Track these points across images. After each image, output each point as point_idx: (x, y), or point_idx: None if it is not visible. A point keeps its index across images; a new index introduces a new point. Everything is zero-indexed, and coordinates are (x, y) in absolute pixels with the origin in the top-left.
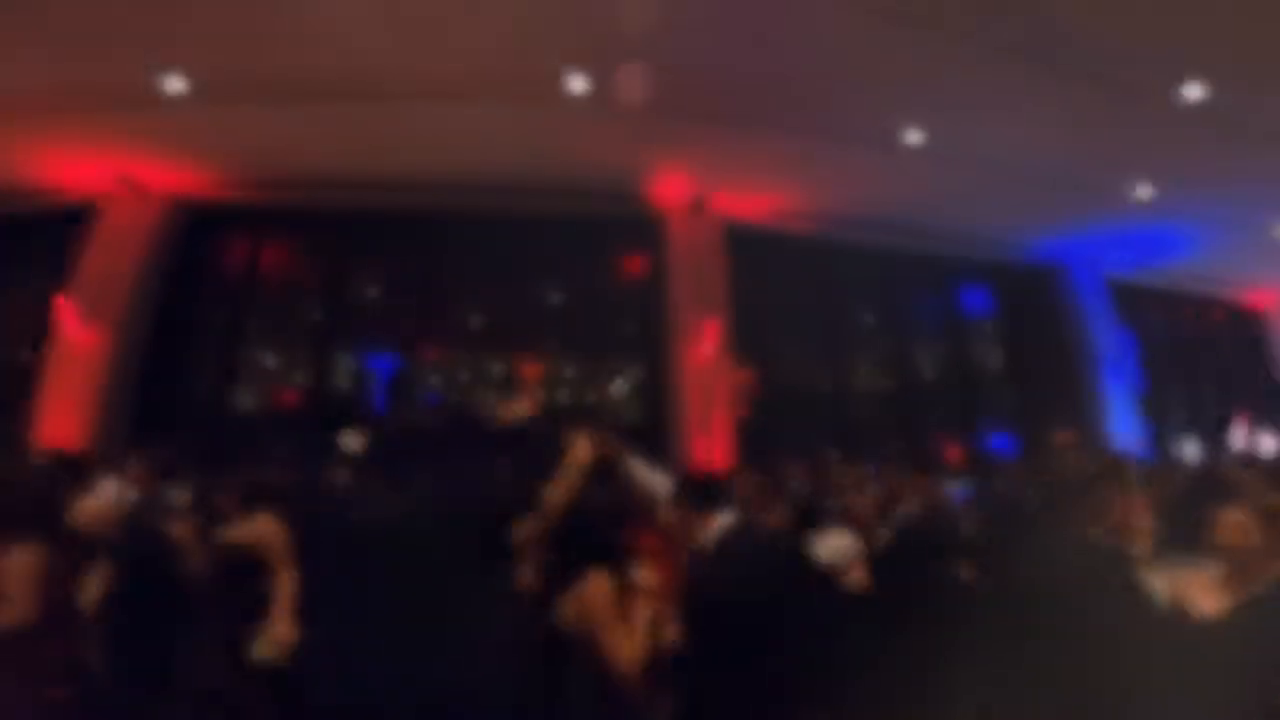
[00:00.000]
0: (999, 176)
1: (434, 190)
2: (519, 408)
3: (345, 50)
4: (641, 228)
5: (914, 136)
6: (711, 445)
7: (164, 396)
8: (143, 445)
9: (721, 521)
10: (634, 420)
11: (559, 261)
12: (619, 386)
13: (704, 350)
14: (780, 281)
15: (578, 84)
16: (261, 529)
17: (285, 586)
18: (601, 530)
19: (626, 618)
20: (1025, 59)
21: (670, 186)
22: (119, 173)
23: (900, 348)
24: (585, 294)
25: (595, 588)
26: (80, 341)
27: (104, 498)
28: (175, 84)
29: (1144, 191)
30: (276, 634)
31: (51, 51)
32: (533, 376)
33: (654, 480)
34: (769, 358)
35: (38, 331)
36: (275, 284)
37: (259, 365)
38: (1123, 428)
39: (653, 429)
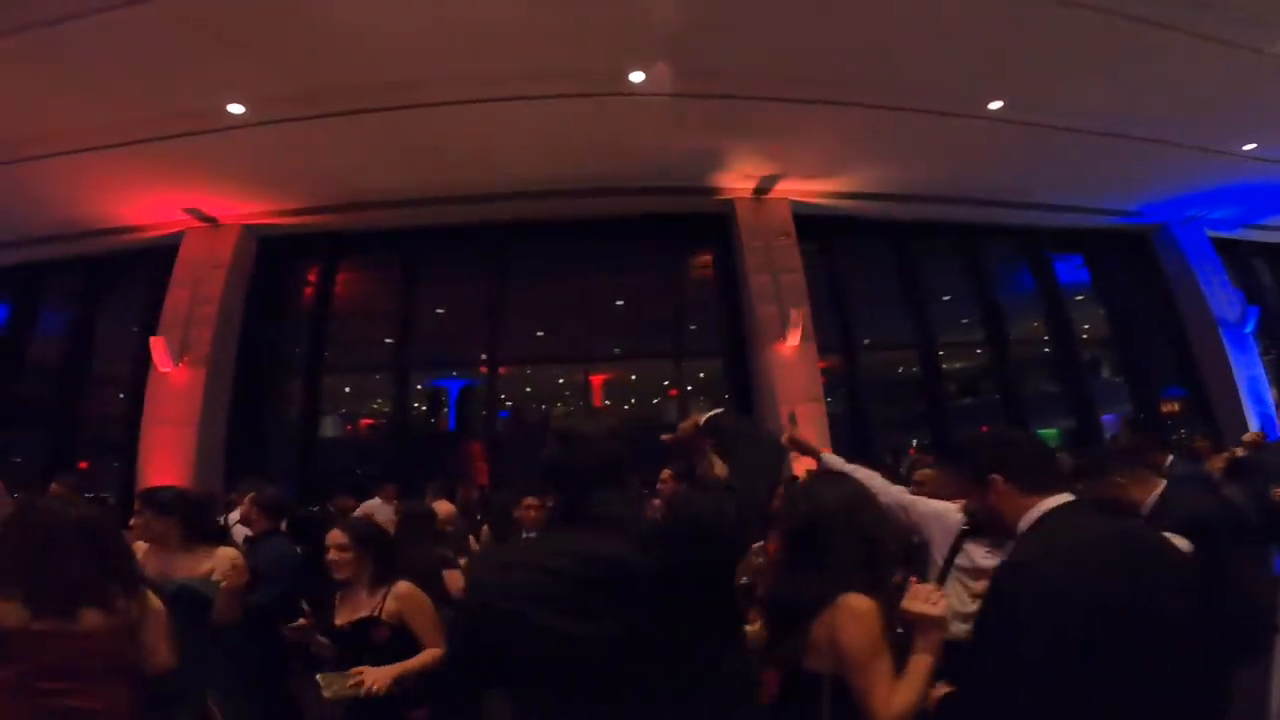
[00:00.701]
0: (1089, 140)
1: (497, 200)
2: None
3: (401, 59)
4: (709, 221)
5: (997, 104)
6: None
7: (253, 426)
8: (249, 483)
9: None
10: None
11: (626, 264)
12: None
13: (788, 341)
14: (860, 264)
15: (639, 75)
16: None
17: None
18: (849, 542)
19: (891, 654)
20: (1118, 16)
21: (738, 174)
22: (192, 206)
23: (993, 324)
24: (655, 295)
25: (852, 616)
26: (173, 376)
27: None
28: (236, 108)
29: (1248, 146)
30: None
31: (119, 87)
32: (598, 383)
33: (874, 480)
34: (855, 344)
35: (133, 368)
36: (348, 308)
37: (338, 391)
38: (1252, 393)
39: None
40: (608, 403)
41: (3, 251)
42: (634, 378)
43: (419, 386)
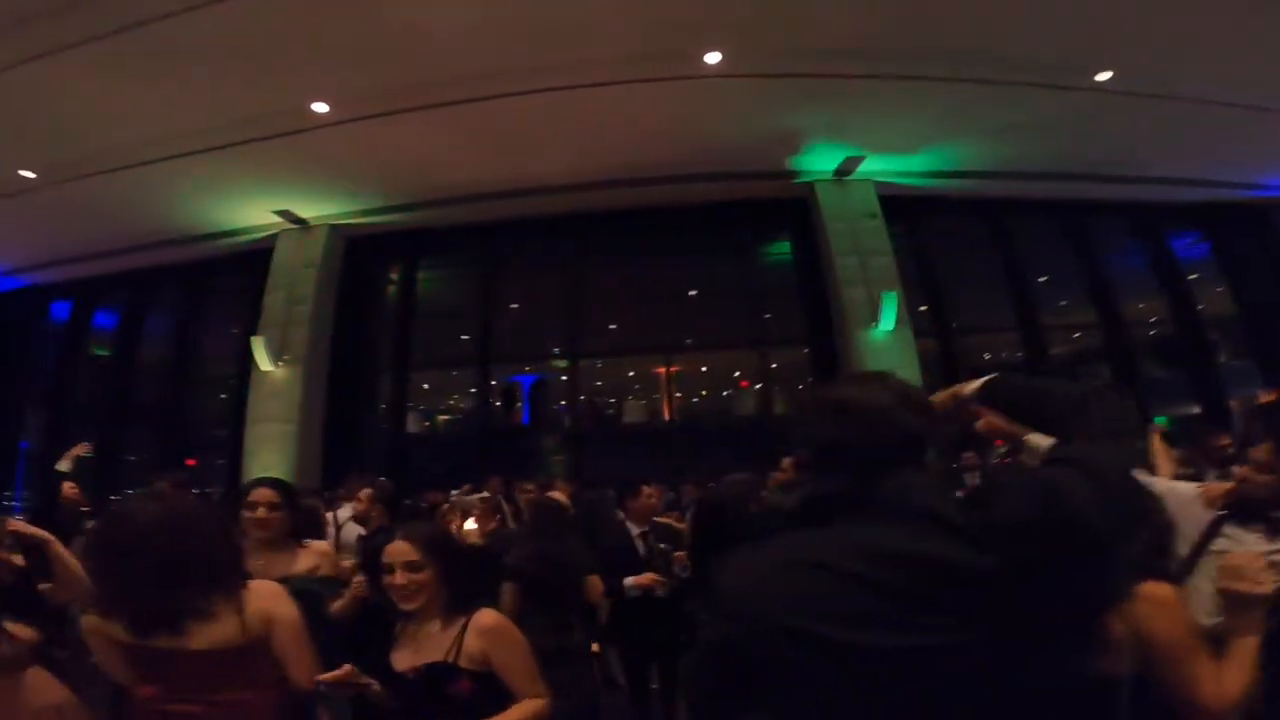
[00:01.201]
0: (1207, 109)
1: (571, 191)
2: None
3: (477, 50)
4: (785, 206)
5: (1105, 75)
6: None
7: (345, 423)
8: (356, 479)
9: None
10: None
11: (699, 253)
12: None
13: (881, 325)
14: (950, 244)
15: (714, 56)
16: None
17: None
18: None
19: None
20: None
21: (818, 156)
22: (283, 208)
23: (1103, 304)
24: (729, 283)
25: (1159, 605)
26: (273, 375)
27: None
28: (320, 107)
29: None
30: None
31: (209, 89)
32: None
33: None
34: (948, 327)
35: (235, 368)
36: (430, 305)
37: (416, 388)
38: None
39: None
40: (678, 395)
41: (113, 259)
42: (704, 369)
43: (492, 382)
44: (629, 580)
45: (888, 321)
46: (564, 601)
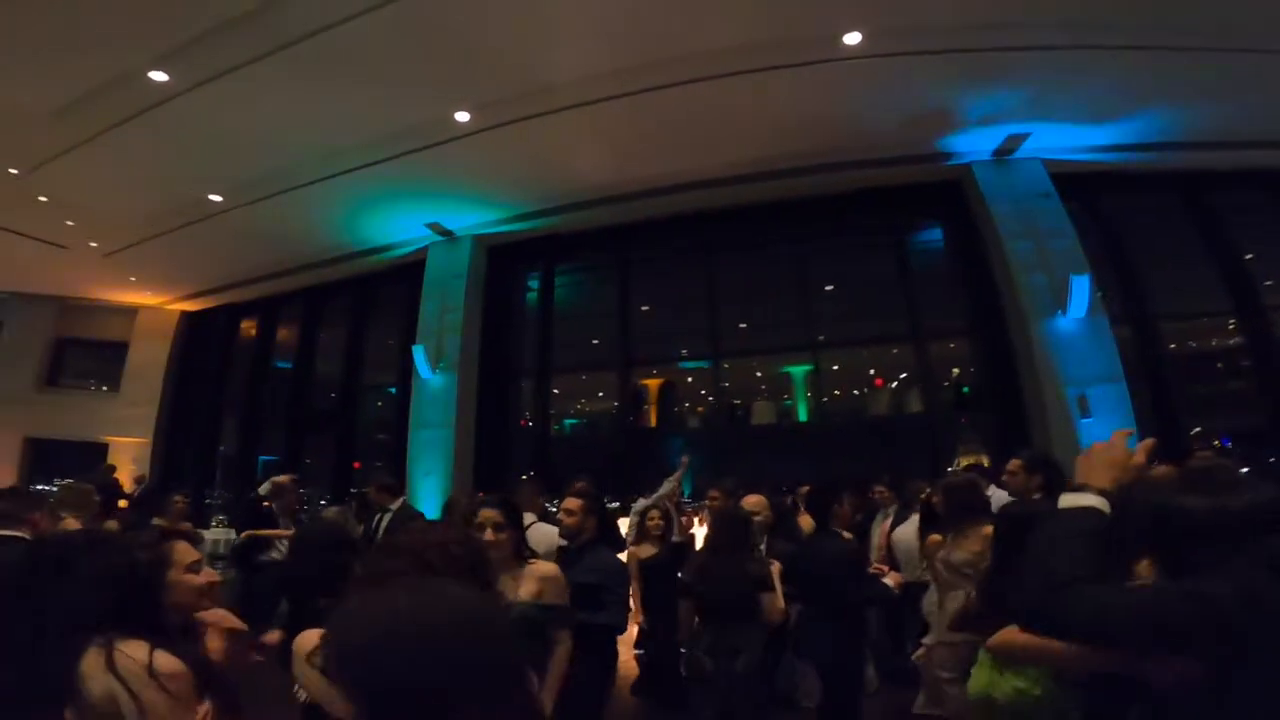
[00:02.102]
0: None
1: (707, 187)
2: None
3: (609, 49)
4: (929, 191)
5: None
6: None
7: (495, 428)
8: (531, 479)
9: None
10: (973, 409)
11: (835, 246)
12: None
13: (1070, 313)
14: (1137, 222)
15: (854, 37)
16: None
17: None
18: None
19: None
20: None
21: (976, 135)
22: (432, 221)
23: None
24: (870, 276)
25: None
26: (431, 382)
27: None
28: (462, 116)
29: None
30: None
31: (358, 103)
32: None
33: None
34: (1145, 313)
35: (397, 377)
36: (567, 309)
37: (564, 391)
38: None
39: (1000, 411)
40: (808, 395)
41: (291, 277)
42: (836, 368)
43: (642, 382)
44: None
45: (1078, 308)
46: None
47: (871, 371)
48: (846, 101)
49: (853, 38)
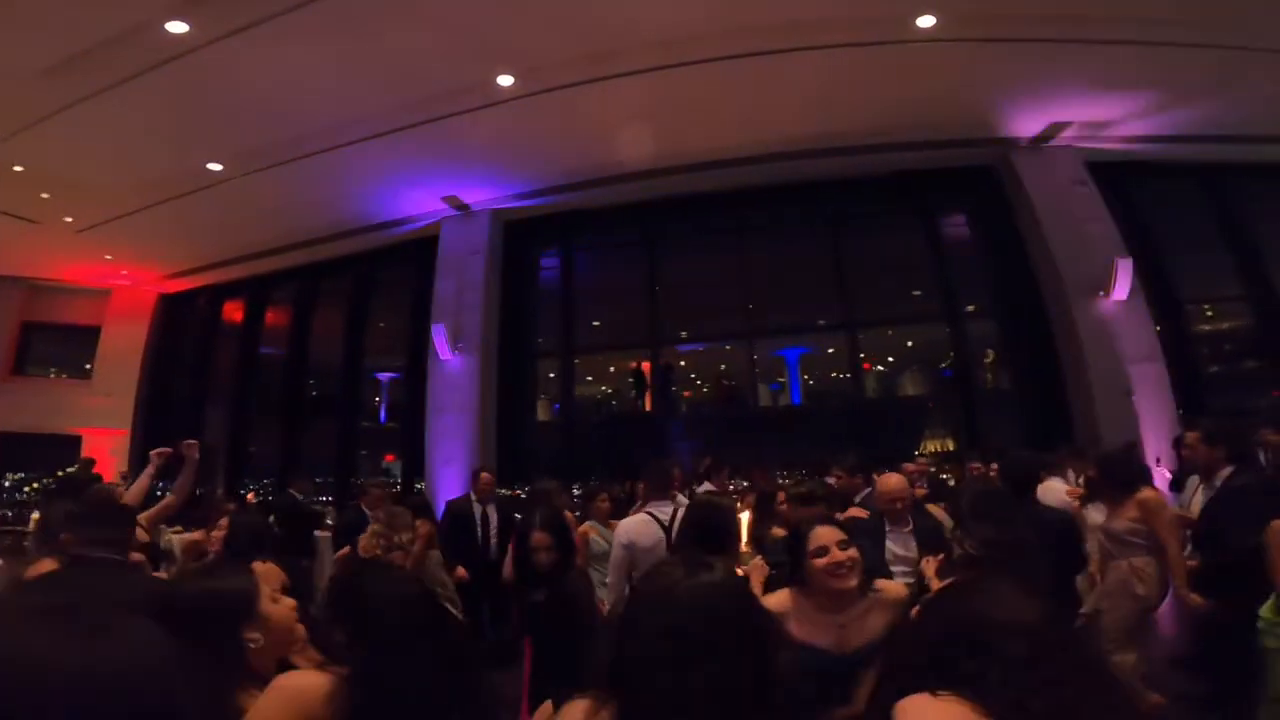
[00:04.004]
0: None
1: (741, 165)
2: None
3: (671, 14)
4: (961, 176)
5: None
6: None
7: (515, 410)
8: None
9: None
10: (1009, 390)
11: (865, 227)
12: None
13: (1113, 295)
14: (1165, 211)
15: (928, 20)
16: None
17: None
18: None
19: None
20: None
21: (1021, 123)
22: (450, 194)
23: None
24: (893, 257)
25: None
26: (450, 364)
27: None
28: (505, 79)
29: None
30: None
31: (396, 68)
32: None
33: None
34: (1171, 297)
35: (404, 359)
36: (588, 288)
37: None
38: None
39: (1039, 397)
40: (808, 379)
41: (283, 255)
42: (831, 350)
43: (664, 363)
44: None
45: (1121, 290)
46: None
47: (862, 355)
48: (904, 84)
49: (926, 20)
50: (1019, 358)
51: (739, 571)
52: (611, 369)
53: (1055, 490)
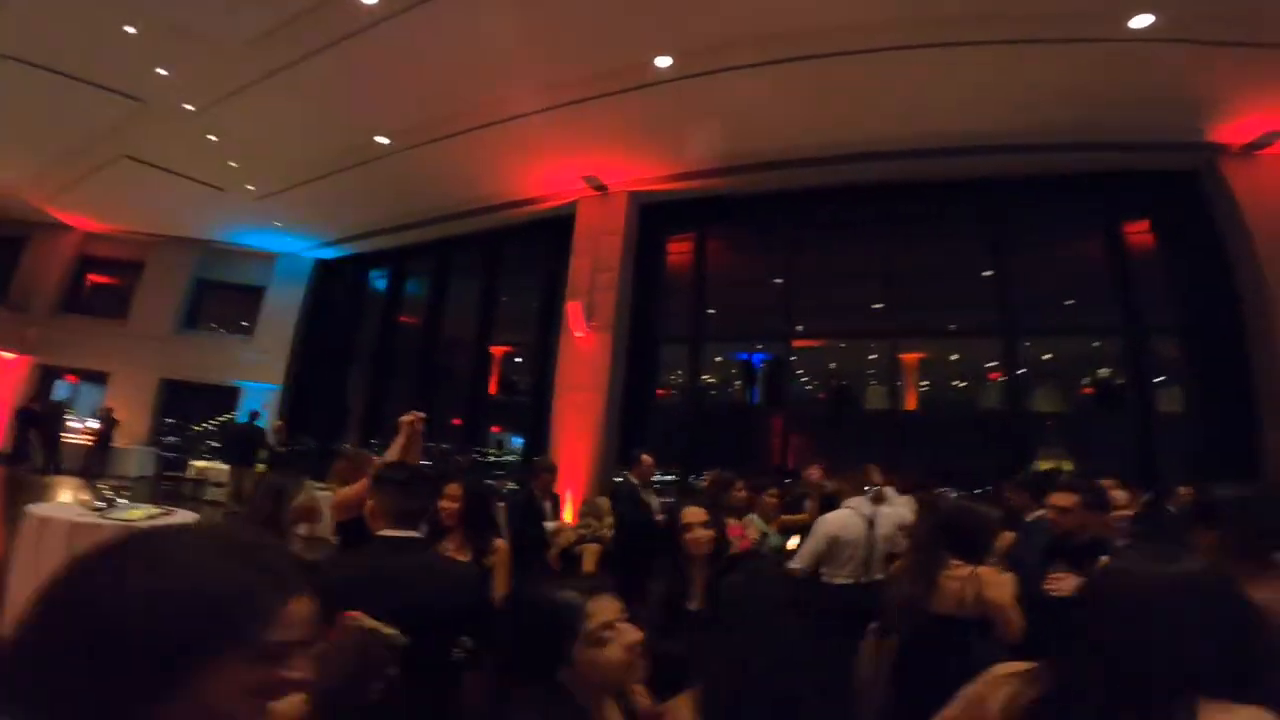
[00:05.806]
0: None
1: (896, 158)
2: None
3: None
4: (1155, 181)
5: None
6: None
7: (642, 393)
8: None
9: None
10: (1182, 413)
11: (1052, 230)
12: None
13: None
14: None
15: (1144, 19)
16: None
17: None
18: None
19: None
20: None
21: (1229, 129)
22: (590, 173)
23: None
24: (1086, 264)
25: None
26: (581, 343)
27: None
28: (663, 61)
29: None
30: None
31: (571, 37)
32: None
33: None
34: None
35: (532, 334)
36: (720, 275)
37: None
38: None
39: (1222, 423)
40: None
41: (419, 229)
42: (954, 357)
43: (793, 356)
44: None
45: None
46: None
47: (993, 364)
48: (1103, 82)
49: (1142, 20)
50: (1203, 378)
51: None
52: (718, 358)
53: None
